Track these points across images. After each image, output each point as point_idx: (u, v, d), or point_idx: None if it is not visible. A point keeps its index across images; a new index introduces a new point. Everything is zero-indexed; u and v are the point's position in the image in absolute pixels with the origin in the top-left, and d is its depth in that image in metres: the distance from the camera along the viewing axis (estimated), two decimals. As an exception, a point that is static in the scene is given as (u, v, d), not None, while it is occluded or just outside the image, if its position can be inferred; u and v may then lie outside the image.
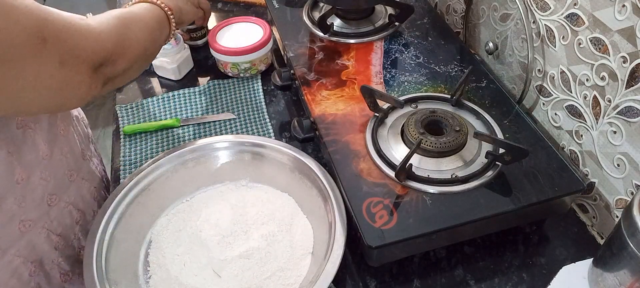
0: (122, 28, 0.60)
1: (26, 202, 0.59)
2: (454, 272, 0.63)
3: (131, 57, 0.61)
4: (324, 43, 0.85)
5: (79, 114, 0.75)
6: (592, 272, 0.57)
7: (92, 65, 0.54)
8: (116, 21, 0.59)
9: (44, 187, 0.62)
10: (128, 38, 0.60)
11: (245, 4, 1.15)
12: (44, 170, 0.61)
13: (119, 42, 0.58)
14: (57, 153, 0.64)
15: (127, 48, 0.60)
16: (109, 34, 0.57)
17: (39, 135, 0.61)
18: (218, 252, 0.63)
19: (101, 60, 0.55)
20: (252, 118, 0.86)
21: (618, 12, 0.57)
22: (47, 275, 0.65)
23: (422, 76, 0.78)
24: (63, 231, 0.66)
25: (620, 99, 0.59)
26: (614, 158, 0.62)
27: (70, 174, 0.66)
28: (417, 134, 0.64)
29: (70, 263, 0.68)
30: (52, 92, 0.51)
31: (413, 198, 0.60)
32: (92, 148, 0.76)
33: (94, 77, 0.55)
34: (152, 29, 0.67)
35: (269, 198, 0.70)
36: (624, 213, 0.50)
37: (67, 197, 0.66)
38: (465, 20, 0.91)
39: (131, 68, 0.62)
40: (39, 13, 0.48)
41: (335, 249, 0.58)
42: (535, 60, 0.74)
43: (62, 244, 0.66)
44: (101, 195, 0.75)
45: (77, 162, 0.69)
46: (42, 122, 0.62)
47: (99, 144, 2.14)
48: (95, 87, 0.55)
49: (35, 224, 0.61)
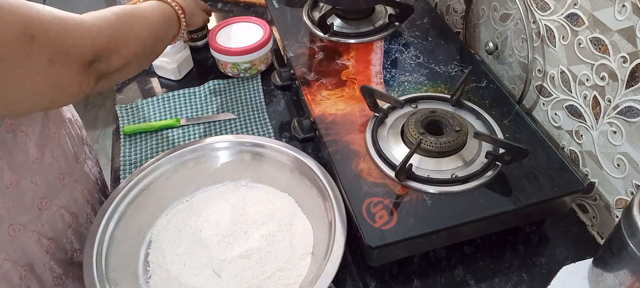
0: (119, 23, 0.59)
1: (16, 206, 0.59)
2: (454, 272, 0.63)
3: (128, 54, 0.60)
4: (324, 43, 0.85)
5: (72, 116, 0.74)
6: (592, 272, 0.57)
7: (84, 62, 0.53)
8: (113, 17, 0.59)
9: (34, 191, 0.61)
10: (124, 34, 0.59)
11: (245, 4, 1.15)
12: (34, 174, 0.60)
13: (113, 38, 0.57)
14: (48, 156, 0.63)
15: (123, 44, 0.59)
16: (101, 29, 0.56)
17: (30, 138, 0.60)
18: (218, 252, 0.63)
19: (93, 56, 0.55)
20: (252, 118, 0.86)
21: (618, 12, 0.57)
22: (39, 278, 0.64)
23: (422, 76, 0.78)
24: (55, 235, 0.65)
25: (620, 99, 0.59)
26: (614, 158, 0.62)
27: (62, 177, 0.65)
28: (417, 134, 0.64)
29: (62, 266, 0.67)
30: (42, 90, 0.51)
31: (413, 198, 0.60)
32: (86, 150, 0.75)
33: (86, 74, 0.54)
34: (156, 26, 0.66)
35: (269, 198, 0.70)
36: (624, 213, 0.49)
37: (59, 200, 0.65)
38: (465, 20, 0.91)
39: (129, 64, 0.61)
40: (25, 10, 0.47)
41: (335, 249, 0.58)
42: (535, 60, 0.74)
43: (53, 248, 0.65)
44: (95, 198, 0.73)
45: (70, 165, 0.67)
46: (33, 125, 0.61)
47: (99, 144, 2.14)
48: (87, 84, 0.55)
49: (25, 228, 0.60)
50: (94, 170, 0.76)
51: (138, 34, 0.62)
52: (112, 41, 0.57)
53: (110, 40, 0.57)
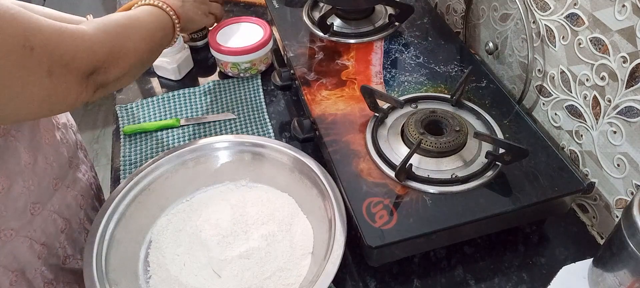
0: (119, 36, 0.59)
1: (7, 212, 0.58)
2: (454, 272, 0.63)
3: (126, 65, 0.60)
4: (324, 43, 0.85)
5: (67, 120, 0.74)
6: (592, 272, 0.57)
7: (83, 74, 0.53)
8: (114, 27, 0.59)
9: (26, 196, 0.60)
10: (124, 46, 0.59)
11: (245, 4, 1.15)
12: (26, 179, 0.60)
13: (113, 49, 0.57)
14: (41, 161, 0.62)
15: (122, 56, 0.59)
16: (102, 41, 0.56)
17: (21, 143, 0.59)
18: (218, 252, 0.63)
19: (92, 69, 0.55)
20: (252, 118, 0.86)
21: (618, 12, 0.57)
22: (29, 284, 0.63)
23: (422, 76, 0.78)
24: (47, 240, 0.64)
25: (620, 98, 0.59)
26: (614, 158, 0.62)
27: (55, 182, 0.64)
28: (417, 133, 0.64)
29: (54, 272, 0.66)
30: (40, 100, 0.50)
31: (413, 198, 0.60)
32: (80, 155, 0.74)
33: (84, 85, 0.54)
34: (154, 36, 0.66)
35: (269, 198, 0.70)
36: (624, 213, 0.49)
37: (51, 205, 0.64)
38: (465, 20, 0.91)
39: (127, 74, 0.62)
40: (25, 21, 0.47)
41: (335, 249, 0.58)
42: (535, 60, 0.74)
43: (45, 253, 0.64)
44: (89, 203, 0.72)
45: (63, 169, 0.66)
46: (22, 130, 0.60)
47: (99, 144, 2.14)
48: (85, 95, 0.55)
49: (17, 233, 0.60)
50: (88, 174, 0.75)
51: (137, 45, 0.62)
52: (112, 53, 0.57)
53: (110, 51, 0.57)
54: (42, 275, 0.64)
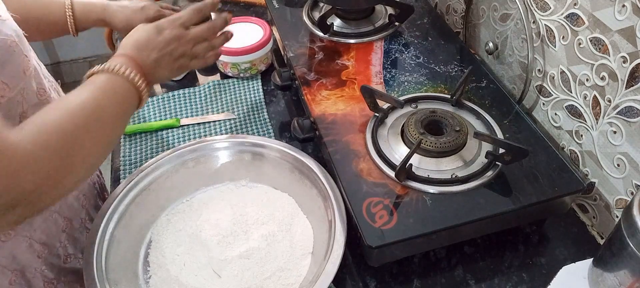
0: (66, 147, 0.45)
1: None
2: (454, 272, 0.63)
3: (71, 182, 0.47)
4: (324, 43, 0.85)
5: None
6: (592, 272, 0.57)
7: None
8: (61, 136, 0.44)
9: None
10: (74, 157, 0.45)
11: (245, 4, 1.15)
12: None
13: (56, 170, 0.43)
14: None
15: (70, 171, 0.46)
16: (38, 162, 0.41)
17: None
18: (218, 252, 0.63)
19: (12, 203, 0.41)
20: (252, 118, 0.86)
21: (618, 12, 0.57)
22: (29, 283, 0.62)
23: (422, 76, 0.78)
24: (47, 239, 0.63)
25: (620, 99, 0.59)
26: (614, 158, 0.62)
27: None
28: (417, 133, 0.64)
29: (54, 271, 0.65)
30: None
31: (413, 198, 0.60)
32: None
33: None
34: (115, 121, 0.53)
35: (269, 198, 0.70)
36: (624, 213, 0.49)
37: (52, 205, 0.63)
38: (465, 20, 0.91)
39: (80, 180, 0.50)
40: None
41: (335, 249, 0.58)
42: (535, 60, 0.74)
43: (46, 253, 0.63)
44: (91, 202, 0.72)
45: None
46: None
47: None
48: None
49: (16, 234, 0.59)
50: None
51: (91, 148, 0.48)
52: (48, 178, 0.43)
53: (46, 177, 0.43)
54: (43, 275, 0.64)
